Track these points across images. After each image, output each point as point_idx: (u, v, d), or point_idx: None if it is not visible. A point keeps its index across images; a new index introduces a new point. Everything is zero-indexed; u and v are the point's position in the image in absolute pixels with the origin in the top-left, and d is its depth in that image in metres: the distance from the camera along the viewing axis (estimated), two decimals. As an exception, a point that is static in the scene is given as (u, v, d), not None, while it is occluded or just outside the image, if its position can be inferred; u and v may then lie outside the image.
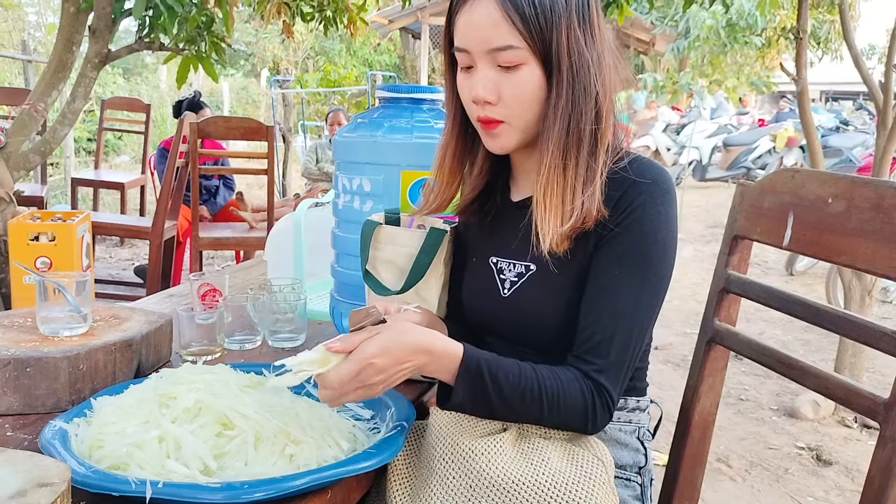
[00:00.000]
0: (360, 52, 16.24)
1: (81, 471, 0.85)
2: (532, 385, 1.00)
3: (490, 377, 0.99)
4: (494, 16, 1.01)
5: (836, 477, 2.93)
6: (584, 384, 1.02)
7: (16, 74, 10.05)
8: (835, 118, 10.62)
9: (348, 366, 0.94)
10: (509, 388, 1.00)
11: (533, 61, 1.03)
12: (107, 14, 2.73)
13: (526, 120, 1.06)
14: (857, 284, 3.48)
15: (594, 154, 1.06)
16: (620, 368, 1.04)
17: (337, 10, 4.39)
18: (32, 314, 1.27)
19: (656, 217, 1.05)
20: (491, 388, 0.99)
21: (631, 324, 1.04)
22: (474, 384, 0.99)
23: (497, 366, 1.00)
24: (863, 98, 12.90)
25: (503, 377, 0.99)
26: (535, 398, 1.00)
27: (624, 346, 1.03)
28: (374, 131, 1.41)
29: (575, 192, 1.04)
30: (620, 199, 1.05)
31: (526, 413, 1.02)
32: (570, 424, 1.05)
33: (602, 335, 1.03)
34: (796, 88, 3.72)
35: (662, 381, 3.81)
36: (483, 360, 0.99)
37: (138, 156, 8.86)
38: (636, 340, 1.05)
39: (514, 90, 1.04)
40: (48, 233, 1.86)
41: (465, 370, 0.99)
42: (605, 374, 1.03)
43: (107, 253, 6.33)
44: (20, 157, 2.69)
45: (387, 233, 1.24)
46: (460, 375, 0.99)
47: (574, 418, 1.03)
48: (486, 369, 0.99)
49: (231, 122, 4.12)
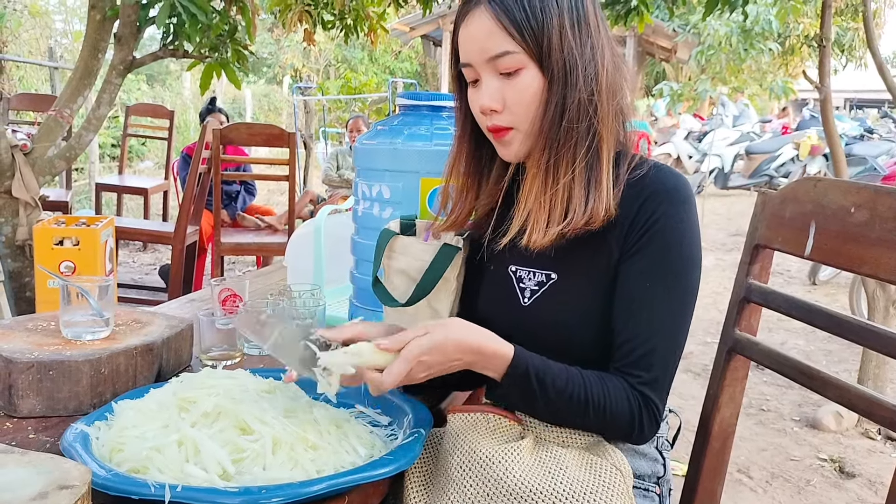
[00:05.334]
0: (382, 59, 16.31)
1: (102, 473, 0.86)
2: (579, 392, 1.02)
3: (537, 381, 1.01)
4: (488, 25, 1.03)
5: (859, 489, 2.89)
6: (632, 394, 1.04)
7: (43, 81, 10.19)
8: (859, 126, 10.50)
9: (399, 365, 0.96)
10: (556, 393, 1.01)
11: (531, 64, 1.04)
12: (132, 22, 2.76)
13: (532, 124, 1.07)
14: (881, 295, 3.43)
15: (596, 153, 1.06)
16: (664, 380, 1.05)
17: (357, 18, 4.41)
18: (56, 318, 1.28)
19: (679, 226, 1.05)
20: (538, 393, 1.01)
21: (668, 335, 1.05)
22: (521, 387, 1.01)
23: (545, 371, 1.01)
24: (888, 106, 12.76)
25: (550, 382, 1.01)
26: (582, 404, 1.02)
27: (665, 358, 1.05)
28: (393, 138, 1.41)
29: (571, 191, 1.05)
30: (641, 209, 1.05)
31: (571, 418, 1.05)
32: (616, 433, 1.06)
33: (643, 349, 1.04)
34: (819, 96, 3.69)
35: (683, 391, 3.78)
36: (532, 365, 1.01)
37: (161, 161, 8.95)
38: (675, 351, 1.06)
39: (517, 95, 1.05)
40: (72, 237, 1.88)
41: (513, 372, 1.00)
42: (649, 385, 1.04)
43: (129, 257, 6.39)
44: (46, 162, 2.73)
45: (402, 243, 1.24)
46: (507, 377, 1.01)
47: (620, 427, 1.04)
48: (534, 374, 1.01)
49: (253, 128, 4.15)
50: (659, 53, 14.34)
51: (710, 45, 8.47)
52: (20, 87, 9.86)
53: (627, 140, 1.11)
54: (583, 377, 1.03)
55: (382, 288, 1.24)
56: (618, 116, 1.08)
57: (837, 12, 6.58)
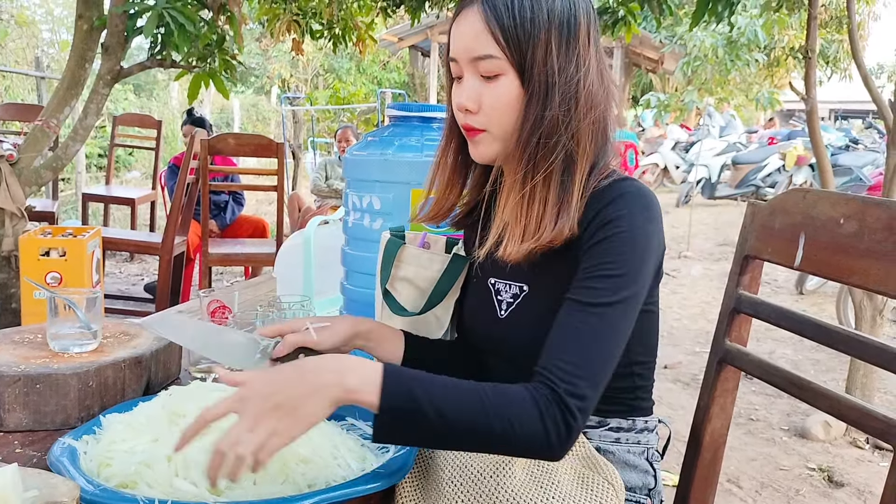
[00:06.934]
0: (370, 69, 16.33)
1: (90, 489, 0.85)
2: (467, 384, 0.92)
3: (415, 375, 0.91)
4: (477, 26, 1.04)
5: (848, 498, 2.90)
6: (534, 387, 0.93)
7: (29, 91, 10.14)
8: (844, 137, 10.59)
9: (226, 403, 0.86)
10: (441, 383, 0.90)
11: (511, 72, 1.04)
12: (119, 32, 2.76)
13: (504, 130, 1.07)
14: (868, 304, 3.45)
15: (570, 171, 1.05)
16: (586, 380, 0.93)
17: (346, 27, 4.42)
18: (42, 330, 1.27)
19: (633, 227, 1.01)
20: (420, 392, 0.88)
21: (595, 338, 0.96)
22: (401, 383, 0.89)
23: (425, 377, 0.91)
24: (872, 117, 12.88)
25: (429, 376, 0.91)
26: (474, 395, 0.90)
27: (587, 359, 0.95)
28: (384, 149, 1.41)
29: (545, 207, 1.04)
30: (598, 215, 1.03)
31: (465, 415, 0.89)
32: (522, 432, 0.89)
33: (564, 347, 0.96)
34: (806, 107, 3.72)
35: (672, 401, 3.78)
36: (407, 373, 0.91)
37: (149, 172, 8.92)
38: (603, 353, 0.96)
39: (492, 100, 1.06)
40: (59, 248, 1.86)
41: (389, 370, 0.90)
42: (564, 378, 0.92)
43: (117, 268, 6.35)
44: (32, 172, 2.71)
45: (410, 253, 1.24)
46: (386, 376, 0.88)
47: (528, 423, 0.90)
48: (413, 377, 0.90)
49: (241, 138, 4.14)
50: (646, 64, 14.45)
51: (697, 56, 8.54)
52: (6, 97, 9.81)
53: (608, 152, 1.11)
54: (469, 382, 0.92)
55: (392, 297, 1.24)
56: (598, 133, 1.07)
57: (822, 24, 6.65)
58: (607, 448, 1.15)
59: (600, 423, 1.15)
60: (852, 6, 3.64)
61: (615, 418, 1.16)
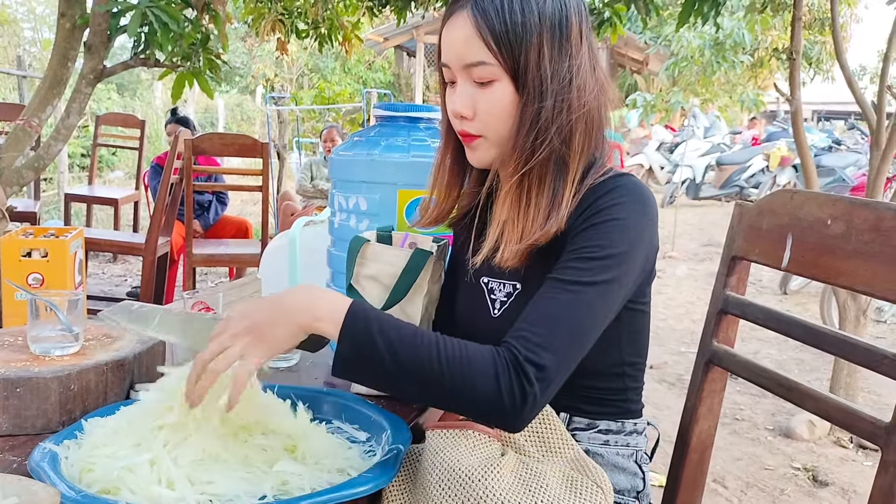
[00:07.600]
0: (355, 69, 16.29)
1: (71, 495, 0.83)
2: (430, 334, 0.95)
3: (379, 315, 0.96)
4: (467, 32, 1.03)
5: (833, 498, 2.91)
6: (497, 350, 0.94)
7: (10, 90, 10.04)
8: (827, 138, 10.70)
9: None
10: (403, 327, 0.95)
11: (505, 78, 1.04)
12: (102, 30, 2.73)
13: (500, 135, 1.07)
14: (852, 304, 3.48)
15: (563, 173, 1.05)
16: (548, 349, 0.94)
17: (332, 27, 4.40)
18: (23, 333, 1.25)
19: (624, 216, 1.02)
20: (376, 329, 0.93)
21: (568, 312, 0.97)
22: (363, 318, 0.94)
23: (387, 319, 0.96)
24: (854, 118, 13.00)
25: (395, 320, 0.96)
26: (431, 343, 0.93)
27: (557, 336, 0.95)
28: (370, 150, 1.40)
29: (539, 209, 1.04)
30: (590, 206, 1.04)
31: (418, 359, 0.92)
32: (474, 387, 0.91)
33: (533, 319, 0.97)
34: (790, 108, 3.74)
35: (658, 401, 3.79)
36: (371, 312, 0.96)
37: (132, 171, 8.84)
38: (574, 329, 0.97)
39: (487, 106, 1.05)
40: (40, 249, 1.84)
41: (355, 305, 0.95)
42: (527, 346, 0.93)
43: (99, 269, 6.29)
44: (13, 172, 2.68)
45: (374, 250, 1.23)
46: (350, 310, 0.94)
47: (481, 379, 0.91)
48: (376, 311, 0.97)
49: (226, 138, 4.12)
50: (630, 65, 14.51)
51: (683, 58, 8.58)
52: (-13, 96, 9.71)
53: (603, 152, 1.11)
54: (434, 333, 0.96)
55: (357, 294, 1.23)
56: (592, 133, 1.07)
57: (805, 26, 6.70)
58: (596, 450, 1.15)
59: (590, 425, 1.15)
60: (835, 8, 3.67)
61: (605, 420, 1.15)
